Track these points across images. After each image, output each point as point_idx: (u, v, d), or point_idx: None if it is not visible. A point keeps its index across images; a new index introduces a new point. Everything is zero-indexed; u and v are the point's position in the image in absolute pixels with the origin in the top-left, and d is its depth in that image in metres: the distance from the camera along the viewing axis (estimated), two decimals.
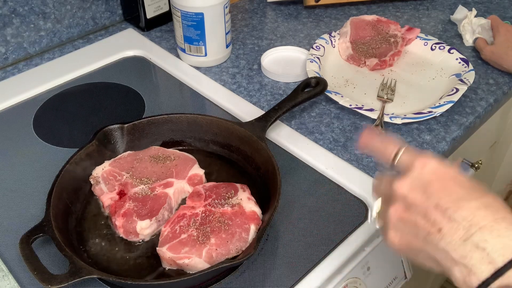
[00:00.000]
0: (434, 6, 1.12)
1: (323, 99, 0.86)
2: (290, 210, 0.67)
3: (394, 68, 0.93)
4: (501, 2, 1.13)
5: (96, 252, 0.61)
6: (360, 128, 0.80)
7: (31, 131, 0.80)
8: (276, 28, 1.05)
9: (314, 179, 0.71)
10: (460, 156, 0.97)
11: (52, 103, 0.86)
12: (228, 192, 0.64)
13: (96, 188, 0.67)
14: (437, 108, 0.80)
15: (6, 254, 0.62)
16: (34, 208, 0.67)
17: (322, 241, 0.63)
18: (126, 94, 0.88)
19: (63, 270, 0.54)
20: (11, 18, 0.91)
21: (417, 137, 0.78)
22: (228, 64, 0.95)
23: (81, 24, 1.02)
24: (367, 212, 0.66)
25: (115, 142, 0.72)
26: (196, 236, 0.59)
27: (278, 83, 0.90)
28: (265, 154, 0.67)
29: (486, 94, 0.87)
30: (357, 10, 1.11)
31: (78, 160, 0.67)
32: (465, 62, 0.90)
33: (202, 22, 0.87)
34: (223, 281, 0.59)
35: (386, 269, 0.69)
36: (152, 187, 0.66)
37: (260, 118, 0.73)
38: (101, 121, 0.82)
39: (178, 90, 0.89)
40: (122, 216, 0.62)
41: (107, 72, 0.93)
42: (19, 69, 0.94)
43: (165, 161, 0.69)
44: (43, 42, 0.98)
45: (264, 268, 0.60)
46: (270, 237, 0.64)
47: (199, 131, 0.74)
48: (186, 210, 0.62)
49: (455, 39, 1.01)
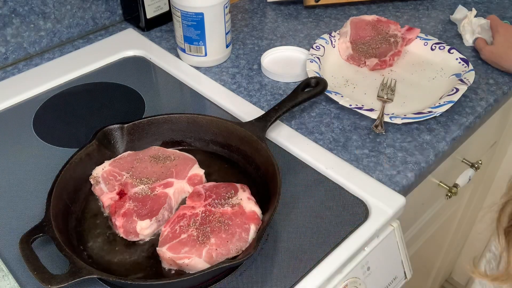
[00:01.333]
0: (434, 6, 1.12)
1: (323, 99, 0.86)
2: (290, 210, 0.67)
3: (394, 68, 0.93)
4: (501, 2, 1.13)
5: (96, 252, 0.61)
6: (360, 128, 0.80)
7: (31, 131, 0.80)
8: (276, 28, 1.05)
9: (314, 179, 0.71)
10: (460, 156, 0.97)
11: (52, 103, 0.86)
12: (228, 192, 0.64)
13: (96, 188, 0.67)
14: (437, 108, 0.80)
15: (6, 254, 0.62)
16: (34, 208, 0.67)
17: (322, 241, 0.63)
18: (126, 94, 0.88)
19: (63, 270, 0.54)
20: (11, 18, 0.91)
21: (417, 137, 0.78)
22: (228, 64, 0.95)
23: (81, 24, 1.02)
24: (367, 212, 0.67)
25: (115, 142, 0.72)
26: (196, 236, 0.59)
27: (278, 83, 0.90)
28: (265, 154, 0.67)
29: (486, 94, 0.87)
30: (357, 10, 1.11)
31: (78, 160, 0.67)
32: (465, 62, 0.90)
33: (202, 22, 0.87)
34: (223, 281, 0.59)
35: (386, 269, 0.69)
36: (152, 187, 0.66)
37: (260, 118, 0.73)
38: (101, 121, 0.82)
39: (178, 90, 0.89)
40: (122, 216, 0.62)
41: (107, 72, 0.93)
42: (19, 69, 0.94)
43: (165, 161, 0.69)
44: (43, 42, 0.98)
45: (264, 268, 0.60)
46: (270, 237, 0.64)
47: (199, 131, 0.74)
48: (186, 210, 0.62)
49: (455, 39, 1.01)
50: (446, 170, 0.92)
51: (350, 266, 0.63)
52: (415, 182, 0.74)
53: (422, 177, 0.76)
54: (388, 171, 0.73)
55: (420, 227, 1.00)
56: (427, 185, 0.87)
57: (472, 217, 1.43)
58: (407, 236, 0.95)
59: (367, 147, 0.76)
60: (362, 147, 0.76)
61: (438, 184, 0.94)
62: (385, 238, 0.67)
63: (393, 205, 0.67)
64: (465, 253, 1.61)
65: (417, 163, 0.74)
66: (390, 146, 0.77)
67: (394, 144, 0.77)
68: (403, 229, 0.71)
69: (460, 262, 1.66)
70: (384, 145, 0.77)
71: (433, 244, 1.21)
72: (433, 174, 0.86)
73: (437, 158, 0.76)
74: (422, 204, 0.94)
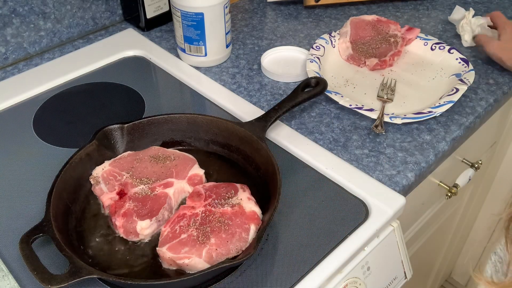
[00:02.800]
0: (434, 6, 1.12)
1: (323, 99, 0.86)
2: (290, 210, 0.67)
3: (394, 68, 0.93)
4: (501, 2, 1.13)
5: (96, 252, 0.61)
6: (360, 128, 0.80)
7: (31, 131, 0.80)
8: (276, 28, 1.05)
9: (314, 179, 0.71)
10: (460, 156, 0.97)
11: (52, 103, 0.86)
12: (228, 192, 0.64)
13: (96, 188, 0.67)
14: (437, 108, 0.80)
15: (6, 254, 0.62)
16: (34, 208, 0.67)
17: (322, 241, 0.63)
18: (126, 94, 0.88)
19: (63, 270, 0.54)
20: (11, 18, 0.91)
21: (417, 137, 0.78)
22: (228, 64, 0.95)
23: (81, 24, 1.02)
24: (367, 212, 0.67)
25: (115, 142, 0.72)
26: (196, 236, 0.59)
27: (278, 83, 0.90)
28: (265, 154, 0.67)
29: (486, 94, 0.87)
30: (357, 10, 1.11)
31: (78, 160, 0.67)
32: (465, 62, 0.90)
33: (202, 22, 0.87)
34: (223, 281, 0.59)
35: (386, 269, 0.69)
36: (152, 187, 0.66)
37: (260, 118, 0.73)
38: (101, 121, 0.82)
39: (178, 90, 0.89)
40: (122, 216, 0.62)
41: (107, 72, 0.93)
42: (19, 69, 0.94)
43: (165, 161, 0.69)
44: (43, 42, 0.98)
45: (264, 268, 0.60)
46: (270, 237, 0.64)
47: (199, 131, 0.74)
48: (186, 210, 0.62)
49: (455, 39, 1.01)
50: (446, 170, 0.92)
51: (350, 266, 0.63)
52: (415, 182, 0.74)
53: (422, 177, 0.76)
54: (388, 171, 0.73)
55: (420, 227, 1.00)
56: (427, 185, 0.87)
57: (472, 217, 1.43)
58: (407, 236, 0.95)
59: (367, 147, 0.76)
60: (362, 147, 0.76)
61: (438, 184, 0.94)
62: (385, 238, 0.67)
63: (393, 205, 0.67)
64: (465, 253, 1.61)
65: (417, 163, 0.74)
66: (390, 146, 0.77)
67: (394, 144, 0.77)
68: (403, 229, 0.71)
69: (460, 262, 1.66)
70: (384, 145, 0.77)
71: (433, 244, 1.21)
72: (433, 174, 0.86)
73: (437, 158, 0.76)
74: (422, 204, 0.94)
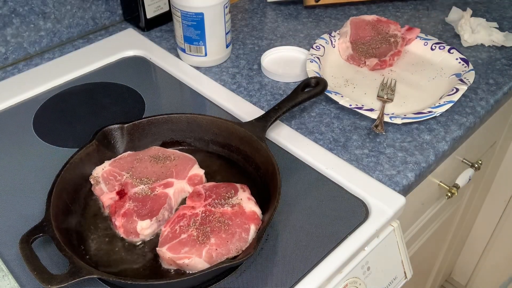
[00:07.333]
0: (434, 6, 1.13)
1: (323, 99, 0.86)
2: (290, 210, 0.67)
3: (394, 68, 0.93)
4: (501, 2, 1.13)
5: (96, 252, 0.61)
6: (360, 128, 0.80)
7: (31, 131, 0.80)
8: (276, 28, 1.05)
9: (314, 179, 0.71)
10: (460, 156, 0.97)
11: (52, 103, 0.86)
12: (228, 192, 0.64)
13: (96, 188, 0.67)
14: (437, 108, 0.80)
15: (6, 254, 0.62)
16: (34, 208, 0.67)
17: (322, 241, 0.63)
18: (126, 94, 0.88)
19: (63, 270, 0.54)
20: (11, 18, 0.91)
21: (417, 137, 0.78)
22: (228, 64, 0.95)
23: (81, 24, 1.02)
24: (367, 212, 0.67)
25: (115, 142, 0.72)
26: (196, 236, 0.59)
27: (278, 83, 0.90)
28: (265, 154, 0.67)
29: (486, 94, 0.87)
30: (357, 10, 1.11)
31: (78, 160, 0.67)
32: (465, 62, 0.90)
33: (202, 22, 0.87)
34: (223, 281, 0.59)
35: (386, 269, 0.69)
36: (152, 187, 0.66)
37: (260, 118, 0.73)
38: (101, 121, 0.82)
39: (178, 90, 0.89)
40: (122, 216, 0.62)
41: (107, 72, 0.93)
42: (19, 69, 0.94)
43: (165, 161, 0.69)
44: (43, 42, 0.98)
45: (264, 268, 0.60)
46: (270, 237, 0.64)
47: (199, 131, 0.74)
48: (186, 210, 0.63)
49: (455, 39, 1.01)
50: (446, 170, 0.92)
51: (350, 266, 0.63)
52: (415, 182, 0.74)
53: (422, 177, 0.76)
54: (388, 171, 0.73)
55: (420, 227, 1.00)
56: (427, 185, 0.87)
57: (472, 217, 1.43)
58: (407, 236, 0.95)
59: (367, 147, 0.76)
60: (362, 147, 0.76)
61: (438, 184, 0.94)
62: (385, 238, 0.67)
63: (393, 205, 0.67)
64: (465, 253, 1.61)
65: (417, 163, 0.74)
66: (390, 146, 0.77)
67: (394, 144, 0.77)
68: (403, 229, 0.71)
69: (460, 262, 1.66)
70: (384, 145, 0.77)
71: (433, 244, 1.21)
72: (433, 174, 0.86)
73: (437, 158, 0.76)
74: (422, 204, 0.94)
